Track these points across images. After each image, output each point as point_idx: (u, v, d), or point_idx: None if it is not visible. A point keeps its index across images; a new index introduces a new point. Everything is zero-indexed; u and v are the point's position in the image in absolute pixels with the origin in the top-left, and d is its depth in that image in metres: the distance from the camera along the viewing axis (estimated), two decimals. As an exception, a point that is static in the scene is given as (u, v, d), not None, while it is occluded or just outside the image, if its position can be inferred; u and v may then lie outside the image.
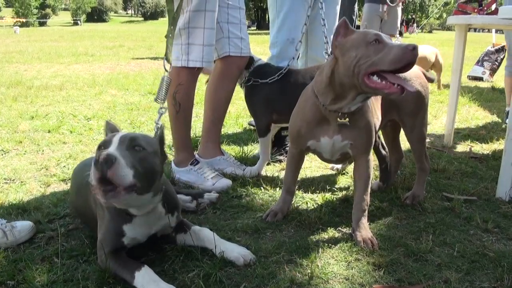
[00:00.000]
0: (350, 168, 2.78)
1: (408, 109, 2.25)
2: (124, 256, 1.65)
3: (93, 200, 1.73)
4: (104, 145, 1.54)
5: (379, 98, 2.14)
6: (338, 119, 1.89)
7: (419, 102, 2.26)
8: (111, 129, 1.76)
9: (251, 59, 2.82)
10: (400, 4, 6.68)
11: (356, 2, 4.91)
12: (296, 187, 2.30)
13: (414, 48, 1.65)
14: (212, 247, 1.78)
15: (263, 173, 2.81)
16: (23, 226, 1.93)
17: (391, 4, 6.39)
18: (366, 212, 2.00)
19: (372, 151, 2.08)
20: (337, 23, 3.11)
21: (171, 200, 1.80)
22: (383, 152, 2.55)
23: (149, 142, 1.60)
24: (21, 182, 2.63)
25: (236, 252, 1.74)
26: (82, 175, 1.80)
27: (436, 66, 6.52)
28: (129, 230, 1.66)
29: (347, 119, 1.89)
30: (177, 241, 1.86)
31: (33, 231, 1.95)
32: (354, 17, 4.38)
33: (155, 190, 1.63)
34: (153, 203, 1.67)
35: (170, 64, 2.18)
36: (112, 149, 1.48)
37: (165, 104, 2.16)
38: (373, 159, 2.06)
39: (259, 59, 2.87)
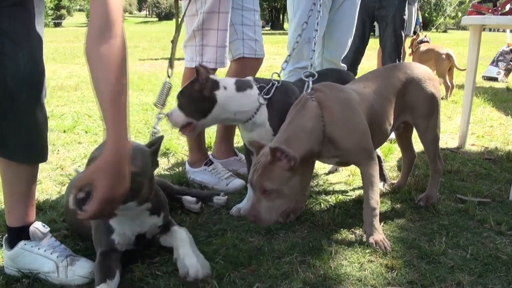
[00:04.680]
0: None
1: (421, 111, 2.24)
2: (111, 260, 1.62)
3: None
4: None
5: (392, 100, 2.13)
6: None
7: (433, 104, 2.25)
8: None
9: None
10: (416, 3, 6.60)
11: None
12: (310, 188, 2.31)
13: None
14: (176, 249, 1.66)
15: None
16: (83, 266, 1.65)
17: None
18: (378, 212, 1.97)
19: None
20: (355, 25, 3.10)
21: (156, 202, 1.77)
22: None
23: (136, 162, 1.58)
24: (37, 181, 2.66)
25: (195, 261, 1.60)
26: None
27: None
28: (116, 224, 1.67)
29: None
30: (161, 242, 1.81)
31: (91, 275, 1.63)
32: (405, 17, 3.99)
33: (140, 201, 1.62)
34: (139, 210, 1.67)
35: (173, 69, 2.20)
36: None
37: (164, 110, 2.20)
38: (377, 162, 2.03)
39: None
